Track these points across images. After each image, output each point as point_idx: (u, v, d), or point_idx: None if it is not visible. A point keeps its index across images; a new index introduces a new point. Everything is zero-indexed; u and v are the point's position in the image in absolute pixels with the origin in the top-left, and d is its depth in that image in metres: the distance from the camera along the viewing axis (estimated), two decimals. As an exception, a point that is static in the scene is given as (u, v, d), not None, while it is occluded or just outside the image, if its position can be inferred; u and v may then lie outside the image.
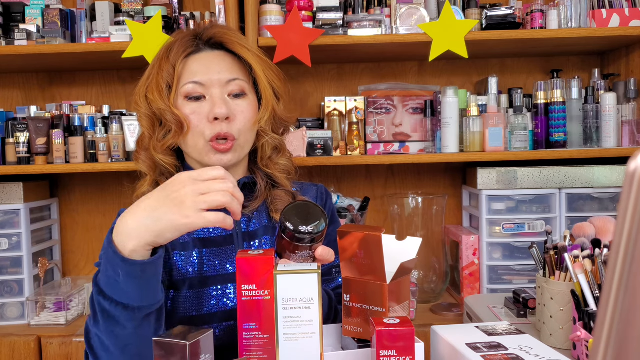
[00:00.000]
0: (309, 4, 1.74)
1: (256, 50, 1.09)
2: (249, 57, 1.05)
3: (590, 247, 1.04)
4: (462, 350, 0.78)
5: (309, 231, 0.76)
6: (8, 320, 1.76)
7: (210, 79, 1.02)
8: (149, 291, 0.81)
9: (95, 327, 0.83)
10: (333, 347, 0.89)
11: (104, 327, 0.82)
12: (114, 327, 0.81)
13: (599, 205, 1.73)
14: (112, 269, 0.79)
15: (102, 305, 0.81)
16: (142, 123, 1.07)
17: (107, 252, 0.80)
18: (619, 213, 0.32)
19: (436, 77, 2.06)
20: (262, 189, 1.09)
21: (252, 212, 1.07)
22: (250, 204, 1.07)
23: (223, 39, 1.06)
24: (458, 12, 1.71)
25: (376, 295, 0.80)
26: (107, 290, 0.80)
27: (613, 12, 1.73)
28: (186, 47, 1.05)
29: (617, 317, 0.32)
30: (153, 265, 0.80)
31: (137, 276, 0.78)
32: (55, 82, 2.05)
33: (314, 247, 0.79)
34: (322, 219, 0.78)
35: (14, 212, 1.77)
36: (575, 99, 1.80)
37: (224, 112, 1.00)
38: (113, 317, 0.80)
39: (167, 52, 1.05)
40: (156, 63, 1.06)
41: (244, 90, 1.05)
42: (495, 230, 1.73)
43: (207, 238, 1.04)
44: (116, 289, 0.80)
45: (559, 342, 1.06)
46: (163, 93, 1.02)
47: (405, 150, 1.88)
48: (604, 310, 0.33)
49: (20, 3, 1.82)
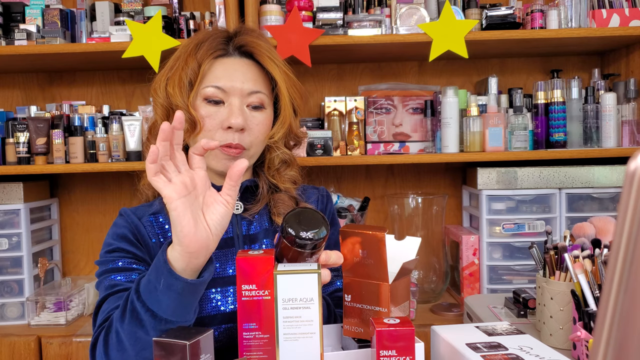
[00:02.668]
0: (309, 4, 1.74)
1: (283, 66, 1.07)
2: (276, 73, 1.04)
3: (590, 247, 1.04)
4: (462, 351, 0.78)
5: (310, 237, 0.76)
6: (8, 321, 1.76)
7: (233, 86, 1.01)
8: (183, 309, 0.81)
9: (119, 322, 0.83)
10: (333, 347, 0.89)
11: (127, 326, 0.82)
12: (137, 329, 0.81)
13: (599, 205, 1.73)
14: (156, 275, 0.80)
15: (134, 305, 0.81)
16: (156, 111, 1.06)
17: (158, 258, 0.81)
18: (619, 213, 0.32)
19: (436, 77, 2.06)
20: (264, 193, 1.08)
21: (252, 216, 1.06)
22: (251, 207, 1.06)
23: (255, 49, 1.05)
24: (458, 12, 1.71)
25: (377, 296, 0.80)
26: (144, 293, 0.81)
27: (613, 12, 1.73)
28: (216, 49, 1.03)
29: (617, 317, 0.32)
30: (196, 286, 0.80)
31: (177, 291, 0.79)
32: (55, 82, 2.05)
33: (314, 253, 0.79)
34: (324, 226, 0.78)
35: (14, 212, 1.77)
36: (575, 99, 1.80)
37: (240, 123, 0.99)
38: (140, 320, 0.80)
39: (195, 49, 1.03)
40: (182, 56, 1.04)
41: (263, 104, 1.04)
42: (495, 230, 1.73)
43: None
44: (152, 296, 0.80)
45: (559, 342, 1.06)
46: (184, 89, 1.01)
47: (405, 150, 1.88)
48: (604, 310, 0.33)
49: (20, 3, 1.82)
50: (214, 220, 0.79)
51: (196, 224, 0.78)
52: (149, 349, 0.81)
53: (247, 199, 1.08)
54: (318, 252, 0.79)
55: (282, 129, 1.05)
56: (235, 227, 1.05)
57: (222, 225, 0.80)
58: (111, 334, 0.85)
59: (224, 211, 0.80)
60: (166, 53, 1.65)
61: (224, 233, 1.02)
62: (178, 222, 0.76)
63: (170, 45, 1.65)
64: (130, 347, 0.82)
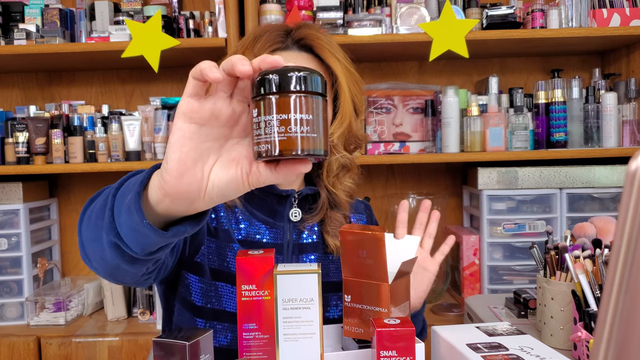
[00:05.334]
0: (308, 3, 1.74)
1: (345, 61, 1.00)
2: (337, 67, 0.98)
3: (591, 247, 1.04)
4: (462, 351, 0.78)
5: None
6: (7, 321, 1.76)
7: None
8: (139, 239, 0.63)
9: (93, 202, 0.73)
10: (333, 347, 0.88)
11: (96, 212, 0.69)
12: (100, 220, 0.67)
13: (600, 205, 1.73)
14: (131, 187, 0.63)
15: (107, 198, 0.67)
16: None
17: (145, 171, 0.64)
18: (619, 213, 0.32)
19: (436, 77, 2.06)
20: (325, 204, 1.03)
21: (303, 226, 1.02)
22: (309, 217, 1.02)
23: (314, 42, 0.99)
24: (458, 11, 1.70)
25: (377, 296, 0.79)
26: (119, 195, 0.66)
27: (614, 12, 1.73)
28: (274, 42, 0.98)
29: (618, 317, 0.32)
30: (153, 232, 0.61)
31: (133, 221, 0.61)
32: (54, 81, 2.05)
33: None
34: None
35: (13, 212, 1.77)
36: (575, 99, 1.80)
37: None
38: (103, 215, 0.66)
39: (253, 42, 0.99)
40: (239, 50, 1.00)
41: None
42: (495, 230, 1.73)
43: (256, 242, 1.00)
44: (120, 203, 0.64)
45: (559, 343, 1.06)
46: None
47: (405, 150, 1.88)
48: (604, 311, 0.33)
49: (19, 3, 1.81)
50: (219, 179, 0.57)
51: (193, 166, 0.56)
52: (100, 241, 0.67)
53: (303, 207, 1.03)
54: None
55: (340, 127, 0.99)
56: (287, 233, 1.01)
57: (222, 191, 0.57)
58: (88, 209, 0.73)
59: (236, 177, 0.57)
60: (166, 53, 1.65)
61: (275, 239, 0.96)
62: (172, 149, 0.55)
63: (169, 45, 1.64)
64: (92, 230, 0.70)
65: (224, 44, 1.70)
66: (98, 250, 0.69)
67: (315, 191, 1.03)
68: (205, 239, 0.97)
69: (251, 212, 1.02)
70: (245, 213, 1.02)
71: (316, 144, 0.54)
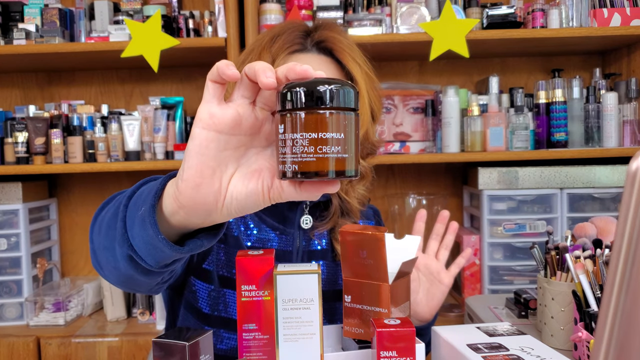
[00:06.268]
0: (308, 3, 1.74)
1: (365, 65, 0.98)
2: (357, 72, 0.96)
3: (592, 247, 1.04)
4: (463, 351, 0.77)
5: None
6: (7, 321, 1.76)
7: None
8: (152, 250, 0.61)
9: (104, 209, 0.71)
10: (333, 347, 0.88)
11: (107, 224, 0.68)
12: (112, 231, 0.65)
13: (600, 205, 1.73)
14: (145, 197, 0.60)
15: (119, 208, 0.65)
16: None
17: (157, 181, 0.62)
18: (620, 213, 0.32)
19: (437, 77, 2.05)
20: (337, 212, 1.01)
21: (313, 233, 1.00)
22: (319, 225, 1.00)
23: (335, 45, 0.96)
24: (459, 11, 1.70)
25: (378, 296, 0.79)
26: (131, 205, 0.63)
27: (614, 12, 1.73)
28: (292, 43, 0.96)
29: (619, 317, 0.32)
30: (167, 246, 0.59)
31: (147, 235, 0.59)
32: (54, 81, 2.05)
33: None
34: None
35: (12, 212, 1.77)
36: (576, 99, 1.79)
37: None
38: (115, 227, 0.65)
39: (270, 42, 0.96)
40: (256, 49, 0.97)
41: None
42: (496, 230, 1.73)
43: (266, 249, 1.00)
44: (132, 213, 0.62)
45: (560, 343, 1.06)
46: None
47: (405, 150, 1.88)
48: (605, 311, 0.33)
49: (19, 2, 1.81)
50: (238, 192, 0.53)
51: (211, 175, 0.52)
52: (112, 251, 0.66)
53: (314, 214, 1.01)
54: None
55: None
56: (297, 240, 1.00)
57: (241, 204, 0.54)
58: (99, 216, 0.72)
59: (256, 191, 0.53)
60: (165, 52, 1.65)
61: (285, 246, 0.94)
62: (189, 157, 0.52)
63: (169, 45, 1.64)
64: (104, 239, 0.68)
65: (224, 44, 1.69)
66: (111, 261, 0.67)
67: (327, 198, 1.01)
68: (214, 246, 0.96)
69: (261, 217, 1.00)
70: (255, 219, 1.00)
71: (347, 164, 0.49)
